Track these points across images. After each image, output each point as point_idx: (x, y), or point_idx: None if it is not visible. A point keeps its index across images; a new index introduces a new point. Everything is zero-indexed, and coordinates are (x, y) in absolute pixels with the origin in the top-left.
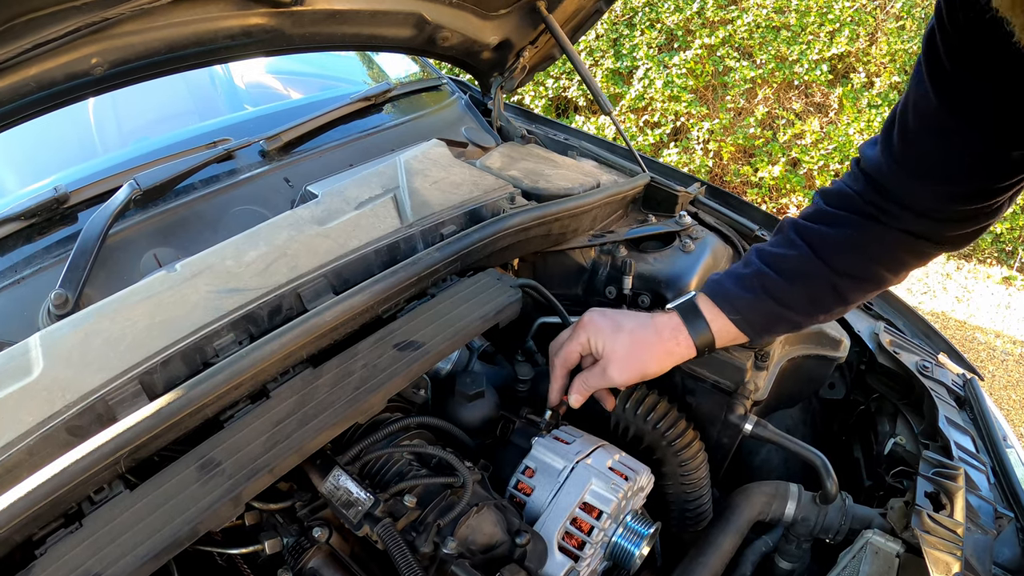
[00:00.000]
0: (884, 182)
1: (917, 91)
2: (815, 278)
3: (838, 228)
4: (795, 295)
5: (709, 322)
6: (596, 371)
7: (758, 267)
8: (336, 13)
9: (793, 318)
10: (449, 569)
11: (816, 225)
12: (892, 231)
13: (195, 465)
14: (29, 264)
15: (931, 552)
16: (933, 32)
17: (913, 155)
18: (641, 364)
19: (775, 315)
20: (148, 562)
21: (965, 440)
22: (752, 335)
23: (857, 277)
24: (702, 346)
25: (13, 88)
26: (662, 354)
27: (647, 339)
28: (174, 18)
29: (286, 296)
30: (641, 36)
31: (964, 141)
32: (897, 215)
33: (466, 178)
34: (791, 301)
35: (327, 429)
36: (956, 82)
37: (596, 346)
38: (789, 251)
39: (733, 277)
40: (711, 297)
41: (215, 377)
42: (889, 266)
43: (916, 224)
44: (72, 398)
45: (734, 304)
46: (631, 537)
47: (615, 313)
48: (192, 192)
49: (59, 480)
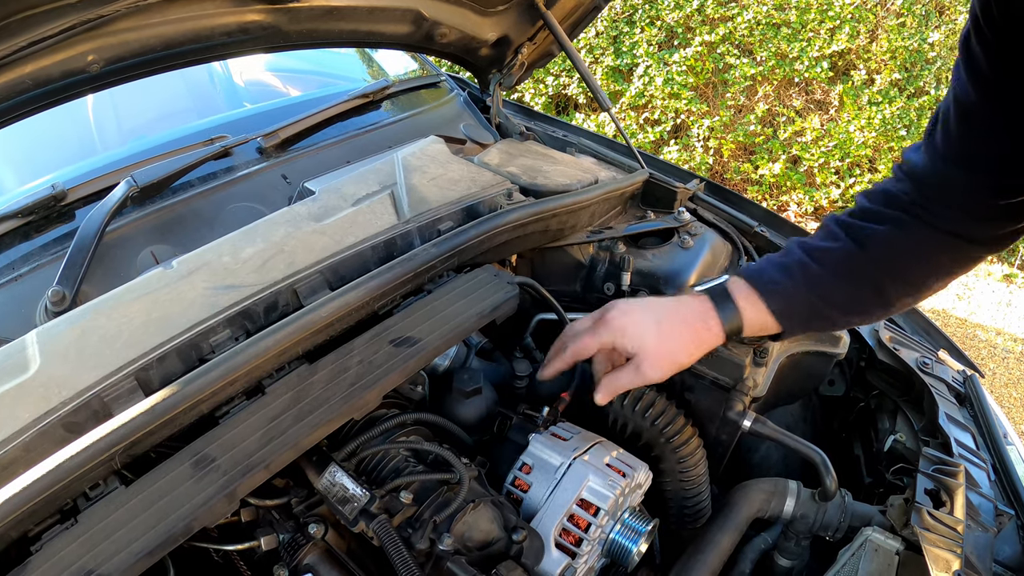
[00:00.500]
0: (928, 181)
1: (957, 88)
2: (858, 274)
3: (883, 225)
4: (836, 290)
5: (741, 308)
6: (628, 370)
7: (799, 257)
8: (333, 9)
9: (830, 314)
10: (445, 566)
11: (861, 222)
12: (937, 232)
13: (190, 461)
14: (26, 261)
15: (931, 550)
16: (969, 29)
17: (956, 151)
18: (673, 357)
19: (814, 309)
20: (143, 558)
21: (965, 437)
22: (787, 326)
23: (899, 277)
24: (731, 332)
25: (9, 86)
26: (692, 343)
27: (675, 330)
28: (170, 15)
29: (282, 292)
30: (641, 33)
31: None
32: (940, 214)
33: (464, 174)
34: (832, 295)
35: (323, 425)
36: (994, 78)
37: (624, 347)
38: (833, 244)
39: (774, 264)
40: (749, 281)
41: (210, 373)
42: (933, 270)
43: (959, 224)
44: (68, 395)
45: (773, 291)
46: (629, 534)
47: (639, 308)
48: (189, 189)
49: (55, 476)
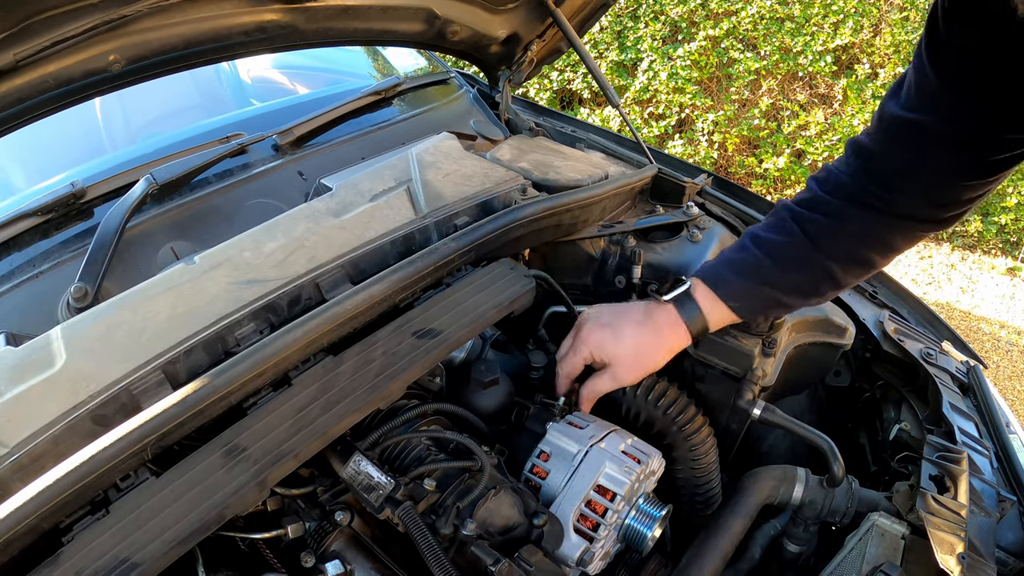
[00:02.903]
0: (878, 165)
1: (916, 70)
2: (809, 264)
3: (832, 217)
4: (789, 280)
5: (704, 311)
6: (605, 377)
7: (753, 253)
8: (348, 8)
9: (785, 300)
10: (469, 550)
11: (811, 213)
12: (885, 216)
13: (220, 451)
14: (47, 259)
15: (935, 533)
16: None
17: (909, 133)
18: (645, 363)
19: (770, 299)
20: (176, 546)
21: (968, 426)
22: (746, 317)
23: (850, 262)
24: (697, 333)
25: (33, 85)
26: (664, 351)
27: (648, 340)
28: (190, 15)
29: (305, 286)
30: (645, 28)
31: (959, 116)
32: (889, 199)
33: (477, 170)
34: (785, 286)
35: (350, 415)
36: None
37: (601, 357)
38: (784, 237)
39: (727, 264)
40: (707, 283)
41: (239, 365)
42: (880, 251)
43: (908, 206)
44: (96, 388)
45: (730, 291)
46: (643, 519)
47: (610, 316)
48: (207, 186)
49: (86, 468)
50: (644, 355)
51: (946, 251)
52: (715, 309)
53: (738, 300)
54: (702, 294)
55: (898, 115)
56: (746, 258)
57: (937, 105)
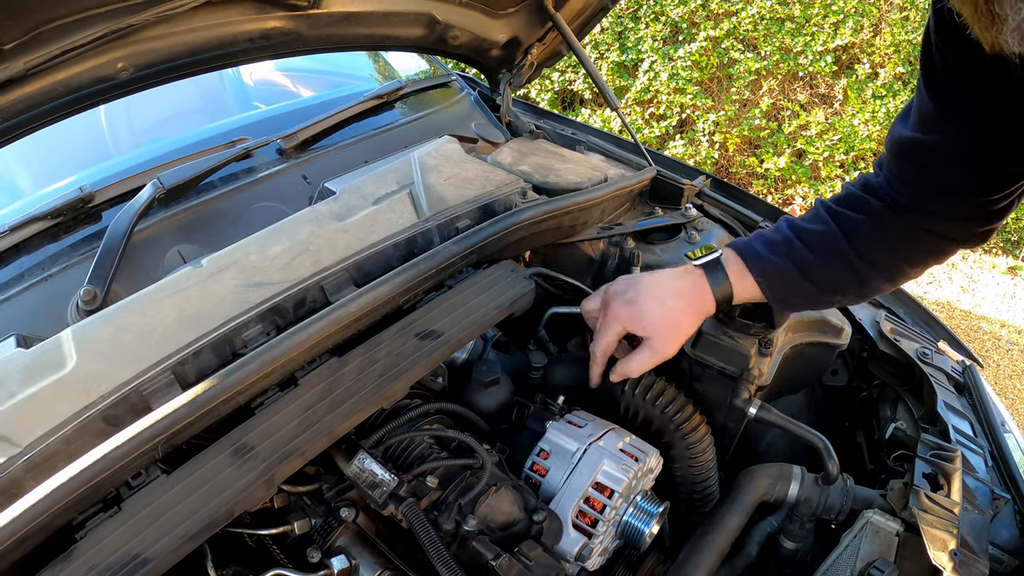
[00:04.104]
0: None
1: (917, 93)
2: (839, 258)
3: (864, 215)
4: (817, 268)
5: (732, 280)
6: (645, 353)
7: (787, 235)
8: (351, 15)
9: (812, 292)
10: (470, 545)
11: (845, 209)
12: (913, 228)
13: (229, 450)
14: (56, 262)
15: (928, 530)
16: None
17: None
18: (680, 329)
19: (797, 285)
20: (186, 542)
21: (963, 424)
22: (772, 299)
23: (876, 264)
24: (721, 299)
25: (43, 92)
26: (692, 313)
27: (677, 305)
28: (196, 23)
29: (310, 289)
30: (646, 29)
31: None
32: (914, 212)
33: (479, 173)
34: (814, 274)
35: (355, 414)
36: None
37: (635, 331)
38: (817, 226)
39: (762, 240)
40: (739, 254)
41: (247, 366)
42: (909, 259)
43: (932, 223)
44: (107, 389)
45: (759, 265)
46: (641, 516)
47: (639, 291)
48: (213, 190)
49: (98, 467)
50: (679, 323)
51: None
52: (742, 280)
53: (765, 275)
54: (732, 263)
55: (906, 137)
56: (780, 238)
57: (939, 126)
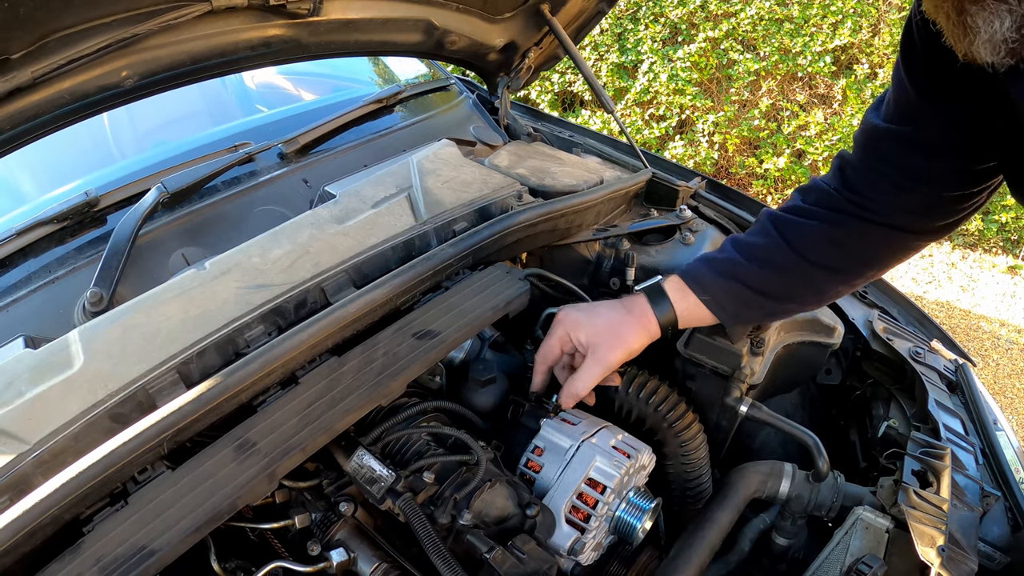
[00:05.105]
0: (858, 175)
1: (894, 83)
2: (789, 267)
3: (811, 220)
4: (766, 281)
5: (673, 302)
6: (588, 363)
7: (730, 254)
8: (350, 22)
9: (764, 303)
10: (465, 538)
11: (791, 217)
12: (874, 226)
13: (232, 446)
14: (62, 264)
15: (917, 526)
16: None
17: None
18: (624, 340)
19: (746, 299)
20: (191, 534)
21: (954, 422)
22: (724, 317)
23: (833, 269)
24: (665, 324)
25: (49, 100)
26: (639, 329)
27: (622, 318)
28: (198, 32)
29: (311, 290)
30: (645, 30)
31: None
32: (877, 210)
33: (476, 177)
34: (762, 287)
35: (354, 411)
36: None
37: (578, 338)
38: (761, 240)
39: (705, 260)
40: (683, 277)
41: (249, 366)
42: (865, 260)
43: (897, 216)
44: (114, 388)
45: (703, 284)
46: (634, 511)
47: (586, 307)
48: (216, 194)
49: (106, 462)
50: (621, 331)
51: (947, 250)
52: (685, 300)
53: (710, 293)
54: (673, 286)
55: (879, 126)
56: (722, 257)
57: (916, 116)
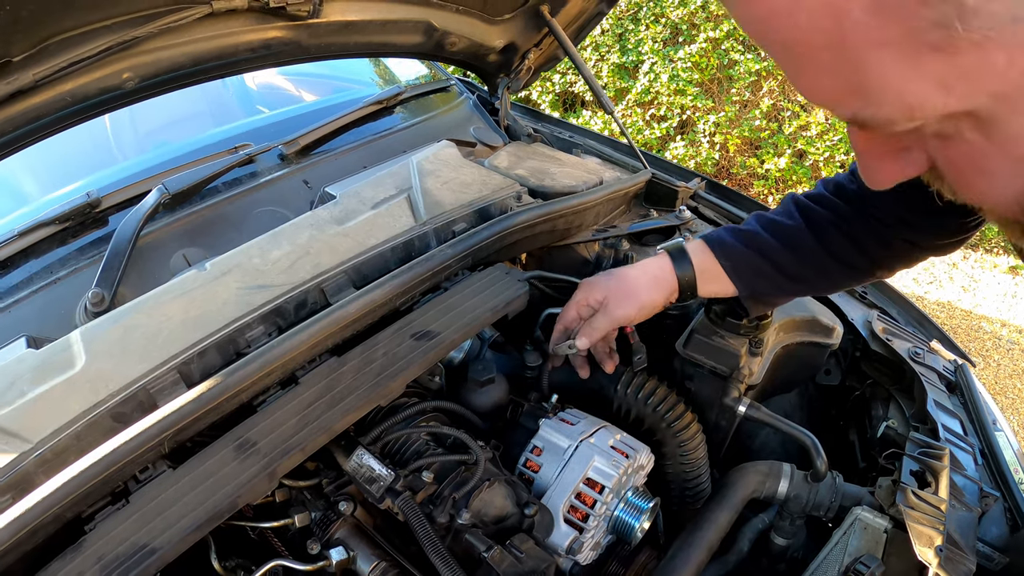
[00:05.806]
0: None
1: None
2: (807, 251)
3: (833, 212)
4: (782, 257)
5: (695, 263)
6: (598, 315)
7: (753, 227)
8: (350, 24)
9: (777, 278)
10: (464, 537)
11: (815, 205)
12: (883, 233)
13: (232, 445)
14: (64, 265)
15: (914, 527)
16: None
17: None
18: (635, 296)
19: (760, 270)
20: (192, 533)
21: (953, 423)
22: (740, 287)
23: (844, 262)
24: (685, 284)
25: (50, 102)
26: (653, 286)
27: (638, 276)
28: (198, 34)
29: (311, 291)
30: (646, 31)
31: None
32: (886, 221)
33: (475, 178)
34: (777, 261)
35: (353, 411)
36: None
37: (593, 298)
38: (785, 220)
39: (729, 229)
40: (706, 241)
41: (250, 365)
42: (878, 262)
43: (904, 231)
44: (115, 387)
45: (725, 250)
46: (632, 511)
47: (602, 272)
48: (216, 195)
49: (107, 461)
50: (632, 287)
51: None
52: (706, 263)
53: (731, 259)
54: (696, 248)
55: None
56: (746, 228)
57: None
